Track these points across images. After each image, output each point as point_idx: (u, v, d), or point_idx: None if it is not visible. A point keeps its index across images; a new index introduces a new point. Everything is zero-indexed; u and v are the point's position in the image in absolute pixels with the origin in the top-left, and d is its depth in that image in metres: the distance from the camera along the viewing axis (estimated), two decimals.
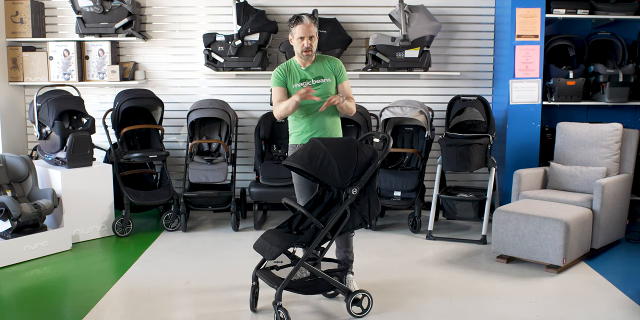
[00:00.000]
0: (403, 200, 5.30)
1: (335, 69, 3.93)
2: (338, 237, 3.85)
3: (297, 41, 3.80)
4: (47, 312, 3.67)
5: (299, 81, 3.88)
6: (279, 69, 3.93)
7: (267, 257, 3.44)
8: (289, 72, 3.90)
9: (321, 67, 3.91)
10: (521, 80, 5.44)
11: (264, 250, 3.45)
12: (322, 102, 3.81)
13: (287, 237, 3.54)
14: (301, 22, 3.78)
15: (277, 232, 3.61)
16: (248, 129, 6.00)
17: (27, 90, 6.01)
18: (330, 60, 3.97)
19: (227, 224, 5.56)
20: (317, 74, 3.89)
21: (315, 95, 3.77)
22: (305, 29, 3.77)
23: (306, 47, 3.79)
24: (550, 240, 4.27)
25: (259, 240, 3.53)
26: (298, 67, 3.90)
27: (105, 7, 5.61)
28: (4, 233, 4.63)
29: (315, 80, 3.88)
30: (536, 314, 3.62)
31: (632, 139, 5.01)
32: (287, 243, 3.42)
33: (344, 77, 3.96)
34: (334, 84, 3.93)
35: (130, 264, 4.51)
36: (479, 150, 5.06)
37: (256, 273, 3.61)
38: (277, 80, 3.90)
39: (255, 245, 3.54)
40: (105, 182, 5.21)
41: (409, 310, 3.67)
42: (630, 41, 5.68)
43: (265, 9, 5.78)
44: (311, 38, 3.79)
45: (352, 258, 3.93)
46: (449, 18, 5.87)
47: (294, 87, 3.88)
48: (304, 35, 3.77)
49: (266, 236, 3.54)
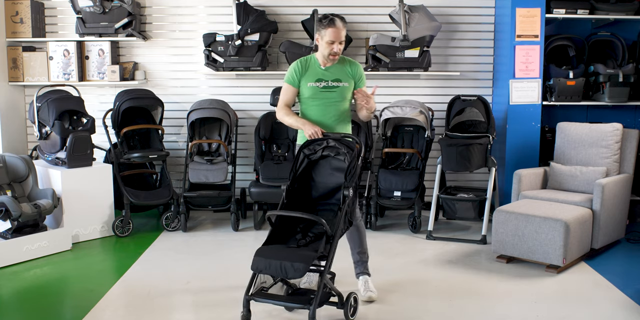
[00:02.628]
0: (403, 200, 5.30)
1: (356, 75, 3.81)
2: (351, 239, 3.87)
3: (326, 44, 3.67)
4: (47, 312, 3.67)
5: (315, 80, 3.76)
6: (297, 64, 3.79)
7: (295, 276, 3.18)
8: (307, 70, 3.77)
9: (341, 69, 3.79)
10: (521, 80, 5.44)
11: (280, 270, 3.18)
12: (333, 107, 3.73)
13: (296, 250, 3.33)
14: (333, 26, 3.63)
15: (276, 248, 3.38)
16: (248, 129, 6.00)
17: (27, 90, 6.01)
18: (351, 64, 3.84)
19: (227, 224, 5.56)
20: (335, 76, 3.76)
21: (329, 100, 3.70)
22: (336, 33, 3.64)
23: (334, 52, 3.67)
24: (550, 240, 4.27)
25: (263, 261, 3.24)
26: (317, 65, 3.78)
27: (105, 7, 5.61)
28: (4, 233, 4.63)
29: (332, 82, 3.76)
30: (536, 314, 3.63)
31: (632, 139, 5.01)
32: (310, 257, 3.22)
33: (362, 83, 3.84)
34: (351, 88, 3.81)
35: (130, 264, 4.51)
36: (479, 150, 5.06)
37: (252, 298, 3.32)
38: (291, 78, 3.79)
39: (261, 267, 3.24)
40: (105, 182, 5.21)
41: (409, 310, 3.67)
42: (630, 41, 5.68)
43: (265, 9, 5.78)
44: (340, 43, 3.67)
45: (366, 259, 3.92)
46: (449, 18, 5.87)
47: (308, 86, 3.76)
48: (334, 39, 3.64)
49: (268, 255, 3.26)
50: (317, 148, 3.62)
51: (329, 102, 3.75)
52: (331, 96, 3.75)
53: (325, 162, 3.67)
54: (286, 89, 3.82)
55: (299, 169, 3.66)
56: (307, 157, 3.65)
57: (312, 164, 3.69)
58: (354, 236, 3.86)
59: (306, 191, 3.69)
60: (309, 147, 3.64)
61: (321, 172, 3.68)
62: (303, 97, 3.82)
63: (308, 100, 3.79)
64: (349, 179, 3.46)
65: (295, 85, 3.79)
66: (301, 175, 3.67)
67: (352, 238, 3.87)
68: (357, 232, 3.85)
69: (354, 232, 3.84)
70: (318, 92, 3.75)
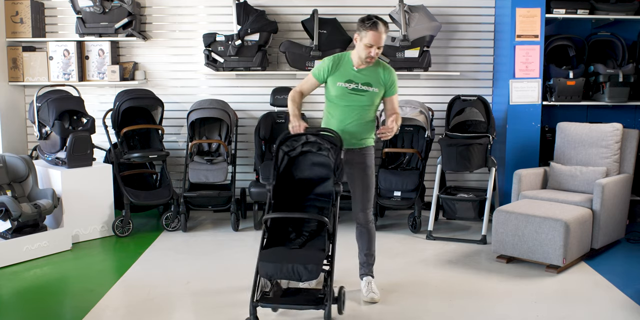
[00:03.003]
0: (403, 200, 5.30)
1: (387, 82, 3.70)
2: (360, 240, 3.88)
3: (364, 46, 3.56)
4: (47, 312, 3.67)
5: (345, 81, 3.66)
6: (330, 61, 3.69)
7: (310, 278, 3.14)
8: (338, 68, 3.68)
9: (374, 74, 3.68)
10: (521, 80, 5.44)
11: (293, 273, 3.12)
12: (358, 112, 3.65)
13: (301, 252, 3.29)
14: (375, 29, 3.52)
15: (279, 251, 3.31)
16: (248, 129, 6.00)
17: (27, 90, 6.01)
18: (385, 69, 3.71)
19: (227, 224, 5.56)
20: (366, 80, 3.66)
21: (356, 103, 3.64)
22: (377, 38, 3.53)
23: (371, 56, 3.58)
24: (550, 240, 4.27)
25: (272, 266, 3.16)
26: (351, 65, 3.67)
27: (105, 7, 5.61)
28: (4, 233, 4.63)
29: (362, 86, 3.66)
30: (536, 314, 3.63)
31: (632, 139, 5.01)
32: (320, 257, 3.19)
33: (393, 91, 3.74)
34: (380, 95, 3.71)
35: (130, 264, 4.51)
36: (479, 150, 5.06)
37: (259, 304, 3.22)
38: (319, 73, 3.71)
39: (271, 273, 3.17)
40: (105, 182, 5.21)
41: (409, 310, 3.67)
42: (630, 41, 5.68)
43: (265, 9, 5.78)
44: (379, 48, 3.57)
45: (373, 262, 3.93)
46: (449, 18, 5.87)
47: (337, 85, 3.66)
48: (373, 43, 3.54)
49: (275, 259, 3.18)
50: (295, 144, 3.56)
51: (355, 105, 3.67)
52: (358, 99, 3.66)
53: (303, 158, 3.62)
54: (309, 79, 3.76)
55: (281, 167, 3.61)
56: (286, 154, 3.60)
57: (292, 161, 3.64)
58: (364, 238, 3.87)
59: (290, 189, 3.64)
60: (287, 143, 3.57)
61: (301, 168, 3.63)
62: (329, 95, 3.74)
63: (334, 99, 3.71)
64: (337, 175, 3.45)
65: (320, 80, 3.73)
66: (283, 173, 3.62)
67: (362, 240, 3.88)
68: (367, 235, 3.86)
69: (365, 234, 3.86)
70: (346, 93, 3.67)
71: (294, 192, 3.65)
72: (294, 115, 3.66)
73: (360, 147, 3.76)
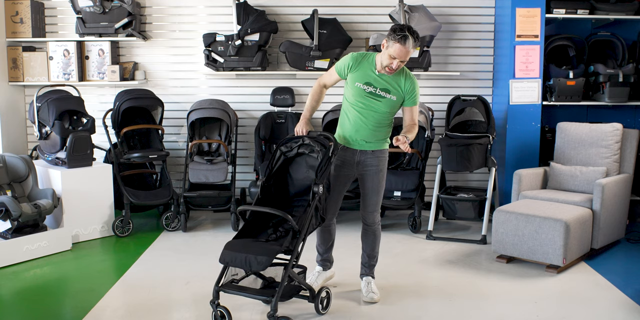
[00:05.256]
0: (403, 200, 5.30)
1: (407, 91, 3.62)
2: (365, 241, 3.90)
3: (388, 57, 3.47)
4: (47, 312, 3.67)
5: (364, 83, 3.60)
6: (352, 59, 3.63)
7: (258, 268, 3.28)
8: (359, 68, 3.62)
9: (394, 81, 3.60)
10: (521, 80, 5.44)
11: (245, 262, 3.28)
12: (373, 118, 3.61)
13: (263, 244, 3.41)
14: (404, 44, 3.42)
15: (244, 241, 3.45)
16: (248, 129, 6.00)
17: (27, 90, 6.01)
18: (407, 78, 3.63)
19: (227, 224, 5.56)
20: (385, 85, 3.59)
21: (371, 108, 3.59)
22: (403, 53, 3.44)
23: (392, 67, 3.50)
24: (550, 240, 4.27)
25: (229, 254, 3.34)
26: (373, 68, 3.60)
27: (105, 7, 5.61)
28: (4, 233, 4.63)
29: (380, 91, 3.59)
30: (536, 314, 3.63)
31: (632, 139, 5.01)
32: (274, 250, 3.30)
33: (413, 102, 3.65)
34: (398, 104, 3.64)
35: (130, 264, 4.51)
36: (479, 150, 5.06)
37: (222, 289, 3.39)
38: (341, 69, 3.66)
39: (227, 259, 3.34)
40: (105, 182, 5.21)
41: (409, 310, 3.67)
42: (630, 41, 5.68)
43: (265, 9, 5.78)
44: (402, 61, 3.49)
45: (374, 263, 3.93)
46: (449, 18, 5.87)
47: (355, 85, 3.61)
48: (397, 57, 3.45)
49: (235, 248, 3.36)
50: (293, 145, 3.68)
51: (370, 110, 3.61)
52: (374, 104, 3.61)
53: (301, 160, 3.73)
54: (331, 73, 3.75)
55: (275, 165, 3.71)
56: (283, 154, 3.72)
57: (289, 161, 3.75)
58: (369, 239, 3.88)
59: (283, 188, 3.75)
60: (286, 144, 3.70)
61: (297, 169, 3.73)
62: (346, 95, 3.70)
63: (351, 99, 3.66)
64: (319, 176, 3.47)
65: (342, 76, 3.70)
66: (277, 172, 3.73)
67: (366, 240, 3.89)
68: (372, 236, 3.88)
69: (370, 235, 3.88)
70: (362, 95, 3.62)
71: (285, 191, 3.75)
72: (303, 118, 3.74)
73: (373, 150, 3.73)
